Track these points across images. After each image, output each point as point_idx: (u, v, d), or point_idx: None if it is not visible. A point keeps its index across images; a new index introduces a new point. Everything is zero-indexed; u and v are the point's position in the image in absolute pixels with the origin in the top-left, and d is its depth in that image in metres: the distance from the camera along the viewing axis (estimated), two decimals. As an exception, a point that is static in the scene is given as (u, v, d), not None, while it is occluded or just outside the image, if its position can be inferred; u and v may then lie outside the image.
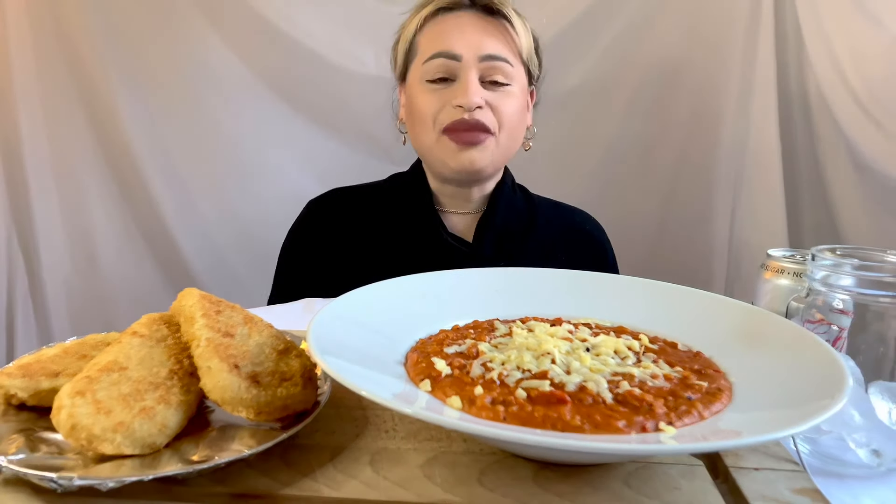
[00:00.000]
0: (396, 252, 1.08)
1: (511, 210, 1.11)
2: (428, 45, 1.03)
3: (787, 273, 0.77)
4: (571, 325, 0.62)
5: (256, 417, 0.49)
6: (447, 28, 1.02)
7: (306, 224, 1.15)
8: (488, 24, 1.03)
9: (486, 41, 1.01)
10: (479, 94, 0.99)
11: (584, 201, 1.26)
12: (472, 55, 1.00)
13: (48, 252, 1.68)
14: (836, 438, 0.54)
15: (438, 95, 1.01)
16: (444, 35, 1.02)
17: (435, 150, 1.03)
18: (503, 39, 1.02)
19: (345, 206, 1.14)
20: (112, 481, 0.42)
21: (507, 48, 1.02)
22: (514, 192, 1.15)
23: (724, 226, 1.78)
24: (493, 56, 1.00)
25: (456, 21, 1.03)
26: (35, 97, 1.63)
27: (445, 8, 1.04)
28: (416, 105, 1.04)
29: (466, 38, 1.00)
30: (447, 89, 1.01)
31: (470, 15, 1.03)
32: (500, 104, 1.01)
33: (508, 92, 1.02)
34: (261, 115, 1.78)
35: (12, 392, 0.51)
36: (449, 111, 1.00)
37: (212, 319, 0.54)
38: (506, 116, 1.02)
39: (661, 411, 0.47)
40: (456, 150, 1.01)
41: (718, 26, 1.71)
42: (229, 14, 1.70)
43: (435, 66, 1.01)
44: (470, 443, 0.52)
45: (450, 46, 1.00)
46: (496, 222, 1.09)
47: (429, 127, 1.02)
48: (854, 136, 1.46)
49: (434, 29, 1.04)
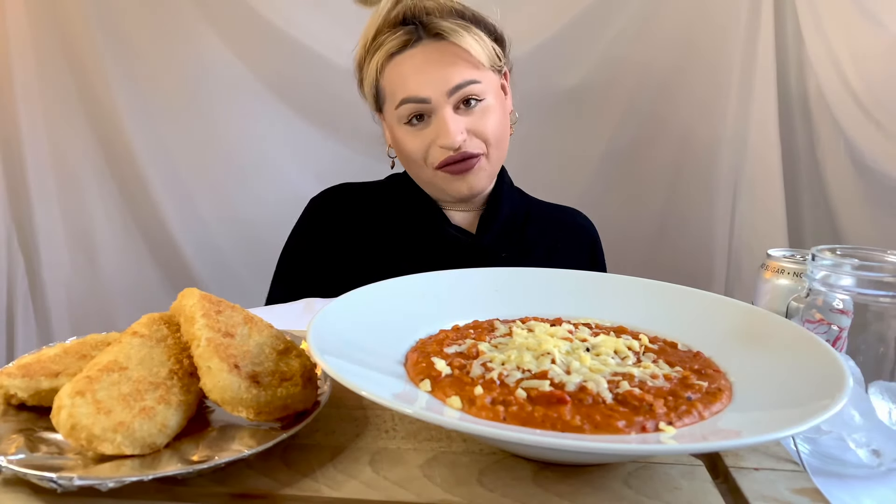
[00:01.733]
0: (400, 246, 1.09)
1: (511, 204, 1.13)
2: (393, 91, 1.02)
3: (786, 273, 0.77)
4: (571, 325, 0.62)
5: (256, 417, 0.49)
6: (405, 71, 1.00)
7: (309, 221, 1.15)
8: (444, 51, 0.99)
9: (447, 73, 0.98)
10: (459, 130, 0.98)
11: (584, 201, 1.26)
12: (440, 93, 0.98)
13: (48, 252, 1.68)
14: (836, 438, 0.54)
15: (421, 136, 1.01)
16: (406, 80, 1.00)
17: (433, 182, 1.05)
18: (463, 60, 0.99)
19: (347, 202, 1.15)
20: (112, 481, 0.42)
21: (470, 68, 1.00)
22: (512, 189, 1.17)
23: (724, 226, 1.78)
24: (459, 85, 0.98)
25: (412, 61, 1.00)
26: (35, 97, 1.63)
27: (397, 50, 1.01)
28: (403, 147, 1.04)
29: (428, 77, 0.98)
30: (427, 128, 1.01)
31: (423, 48, 1.00)
32: (480, 124, 1.01)
33: (485, 107, 1.01)
34: (261, 116, 1.78)
35: (12, 392, 0.51)
36: (436, 151, 1.00)
37: (212, 319, 0.54)
38: (490, 132, 1.01)
39: (661, 411, 0.47)
40: (452, 179, 1.03)
41: (718, 26, 1.71)
42: (229, 14, 1.70)
43: (407, 110, 1.00)
44: (470, 443, 0.52)
45: (415, 91, 0.99)
46: (499, 216, 1.10)
47: (421, 165, 1.03)
48: (854, 136, 1.46)
49: (393, 73, 1.01)
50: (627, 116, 1.81)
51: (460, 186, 1.03)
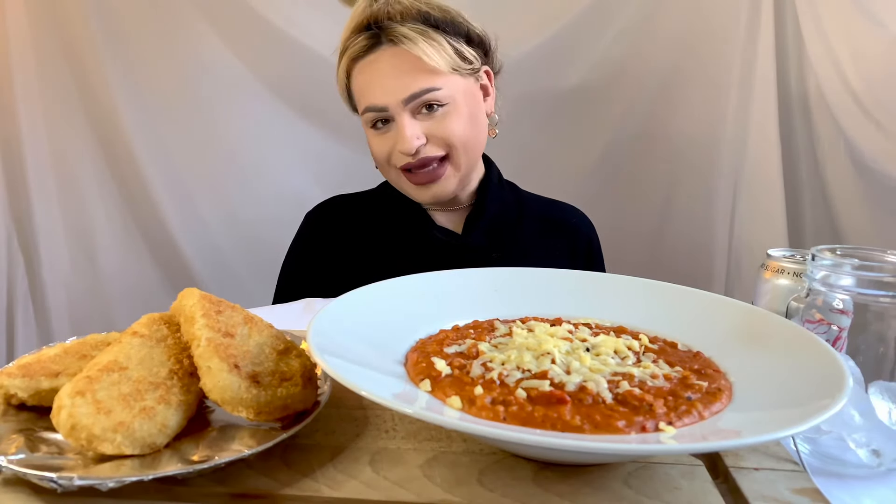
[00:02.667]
0: (389, 254, 1.10)
1: (499, 202, 1.13)
2: (359, 97, 1.05)
3: (786, 273, 0.77)
4: (571, 325, 0.62)
5: (256, 417, 0.49)
6: (367, 79, 1.02)
7: (306, 235, 1.17)
8: (402, 58, 1.00)
9: (403, 82, 0.99)
10: (416, 136, 0.99)
11: (584, 201, 1.26)
12: (396, 101, 0.99)
13: (48, 252, 1.68)
14: (836, 438, 0.54)
15: (384, 139, 1.04)
16: (366, 88, 1.02)
17: (400, 184, 1.08)
18: (421, 69, 0.99)
19: (341, 213, 1.17)
20: (112, 481, 0.42)
21: (427, 74, 1.00)
22: (502, 187, 1.16)
23: (724, 226, 1.78)
24: (415, 94, 0.99)
25: (372, 67, 1.01)
26: (35, 97, 1.63)
27: (359, 56, 1.03)
28: (371, 147, 1.07)
29: (385, 86, 1.00)
30: (390, 132, 1.03)
31: (384, 53, 1.00)
32: (440, 128, 1.01)
33: (446, 112, 1.01)
34: (261, 116, 1.78)
35: (12, 392, 0.51)
36: (397, 155, 1.02)
37: (212, 319, 0.54)
38: (453, 135, 1.01)
39: (661, 411, 0.47)
40: (416, 188, 1.05)
41: (718, 26, 1.71)
42: (229, 14, 1.70)
43: (369, 117, 1.04)
44: (470, 443, 0.52)
45: (373, 100, 1.01)
46: (486, 214, 1.10)
47: (387, 167, 1.06)
48: (854, 136, 1.46)
49: (358, 80, 1.04)
50: (627, 116, 1.81)
51: (424, 196, 1.06)
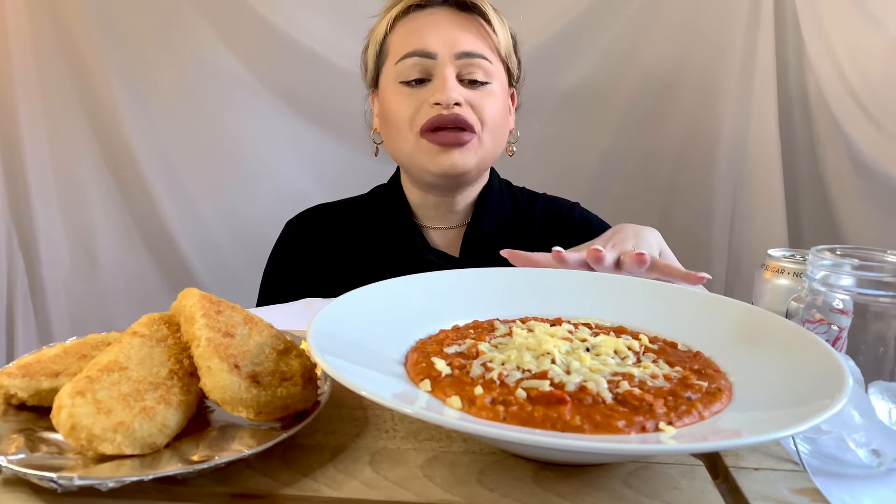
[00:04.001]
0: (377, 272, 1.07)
1: (499, 213, 1.07)
2: (400, 45, 0.98)
3: (786, 273, 0.77)
4: (571, 325, 0.62)
5: (256, 417, 0.49)
6: (419, 25, 0.97)
7: (287, 244, 1.12)
8: (464, 20, 0.97)
9: (462, 37, 0.95)
10: (458, 91, 0.94)
11: (584, 202, 1.26)
12: (448, 52, 0.94)
13: (48, 252, 1.68)
14: (836, 438, 0.54)
15: (414, 97, 0.96)
16: (417, 33, 0.96)
17: (414, 154, 0.97)
18: (480, 36, 0.97)
19: (323, 224, 1.11)
20: (112, 481, 0.42)
21: (484, 44, 0.97)
22: (502, 193, 1.10)
23: (724, 226, 1.78)
24: (470, 53, 0.95)
25: (428, 18, 0.97)
26: (35, 97, 1.63)
27: (417, 5, 0.98)
28: (390, 108, 0.98)
29: (441, 34, 0.95)
30: (423, 89, 0.96)
31: (443, 11, 0.98)
32: (481, 102, 0.96)
33: (489, 90, 0.97)
34: (261, 116, 1.78)
35: (12, 392, 0.51)
36: (426, 110, 0.94)
37: (212, 319, 0.54)
38: (488, 114, 0.96)
39: (661, 411, 0.47)
40: (436, 152, 0.95)
41: (718, 27, 1.71)
42: (229, 14, 1.70)
43: (409, 65, 0.95)
44: (470, 443, 0.52)
45: (423, 44, 0.95)
46: (485, 231, 1.04)
47: (405, 130, 0.97)
48: (854, 136, 1.46)
49: (406, 27, 0.98)
50: (627, 116, 1.81)
51: (443, 162, 0.95)
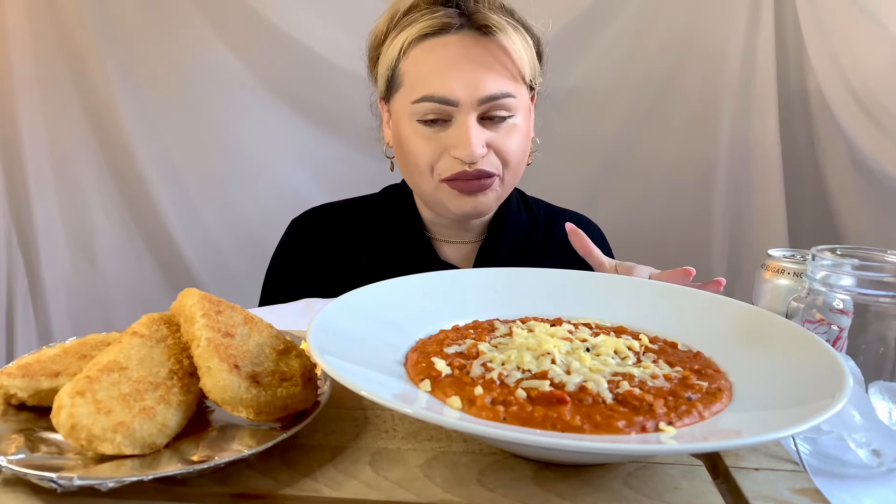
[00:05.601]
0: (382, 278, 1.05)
1: (515, 231, 1.03)
2: (416, 81, 0.89)
3: (787, 273, 0.77)
4: (571, 325, 0.62)
5: (256, 417, 0.49)
6: (437, 63, 0.88)
7: (291, 244, 1.09)
8: (484, 50, 0.88)
9: (485, 79, 0.87)
10: (481, 143, 0.87)
11: (584, 202, 1.26)
12: (470, 98, 0.86)
13: (48, 252, 1.69)
14: (836, 438, 0.54)
15: (433, 141, 0.89)
16: (435, 74, 0.87)
17: (434, 194, 0.94)
18: (503, 67, 0.88)
19: (329, 224, 1.07)
20: (112, 481, 0.42)
21: (508, 78, 0.89)
22: (519, 212, 1.05)
23: (724, 226, 1.78)
24: (494, 96, 0.87)
25: (446, 51, 0.87)
26: (35, 97, 1.63)
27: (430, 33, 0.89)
28: (408, 148, 0.92)
29: (462, 77, 0.86)
30: (443, 132, 0.89)
31: (462, 39, 0.88)
32: (504, 142, 0.90)
33: (511, 125, 0.91)
34: (260, 115, 1.78)
35: (12, 392, 0.51)
36: (448, 161, 0.89)
37: (212, 319, 0.54)
38: (511, 154, 0.91)
39: (661, 411, 0.47)
40: (457, 195, 0.92)
41: (718, 27, 1.71)
42: (229, 14, 1.70)
43: (426, 108, 0.88)
44: (470, 443, 0.52)
45: (443, 90, 0.86)
46: (500, 249, 1.00)
47: (426, 175, 0.92)
48: (854, 136, 1.46)
49: (421, 59, 0.89)
50: (627, 117, 1.81)
51: (464, 205, 0.92)
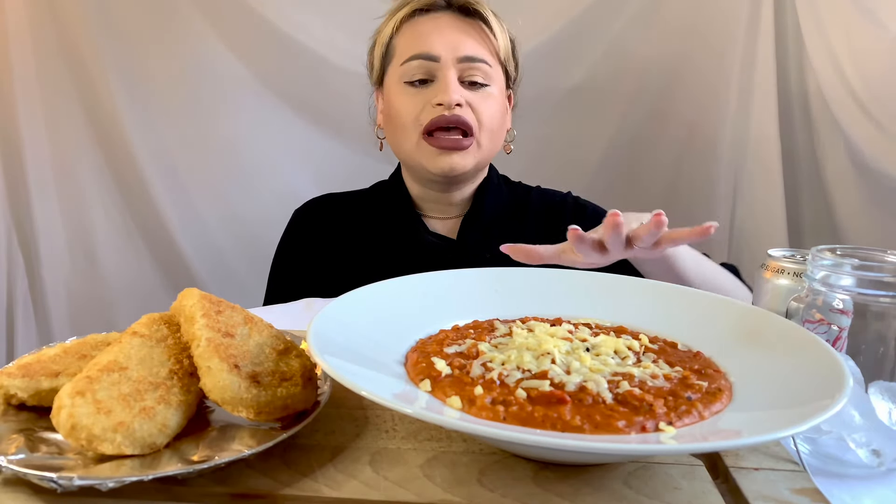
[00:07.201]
0: (380, 256, 1.09)
1: (496, 204, 1.12)
2: (405, 47, 1.04)
3: (787, 273, 0.77)
4: (571, 325, 0.62)
5: (256, 417, 0.49)
6: (424, 30, 1.03)
7: (294, 233, 1.16)
8: (465, 24, 1.04)
9: (464, 42, 1.02)
10: (459, 92, 1.00)
11: (585, 199, 1.26)
12: (451, 56, 1.01)
13: (48, 252, 1.68)
14: (836, 438, 0.54)
15: (418, 97, 1.02)
16: (422, 36, 1.02)
17: (415, 154, 1.04)
18: (481, 40, 1.04)
19: (329, 212, 1.16)
20: (112, 481, 0.42)
21: (485, 49, 1.04)
22: (500, 187, 1.15)
23: (724, 226, 1.77)
24: (471, 57, 1.01)
25: (433, 22, 1.04)
26: (35, 97, 1.63)
27: (421, 10, 1.05)
28: (394, 107, 1.04)
29: (444, 38, 1.01)
30: (426, 90, 1.02)
31: (447, 16, 1.04)
32: (480, 104, 1.02)
33: (488, 93, 1.03)
34: (260, 116, 1.78)
35: (12, 392, 0.51)
36: (429, 110, 1.00)
37: (212, 319, 0.54)
38: (486, 116, 1.02)
39: (661, 411, 0.47)
40: (436, 154, 1.01)
41: (718, 26, 1.71)
42: (229, 14, 1.70)
43: (413, 67, 1.02)
44: (470, 443, 0.52)
45: (428, 48, 1.01)
46: (482, 218, 1.09)
47: (409, 129, 1.03)
48: (854, 136, 1.46)
49: (411, 31, 1.04)
50: (627, 116, 1.81)
51: (442, 163, 1.01)
